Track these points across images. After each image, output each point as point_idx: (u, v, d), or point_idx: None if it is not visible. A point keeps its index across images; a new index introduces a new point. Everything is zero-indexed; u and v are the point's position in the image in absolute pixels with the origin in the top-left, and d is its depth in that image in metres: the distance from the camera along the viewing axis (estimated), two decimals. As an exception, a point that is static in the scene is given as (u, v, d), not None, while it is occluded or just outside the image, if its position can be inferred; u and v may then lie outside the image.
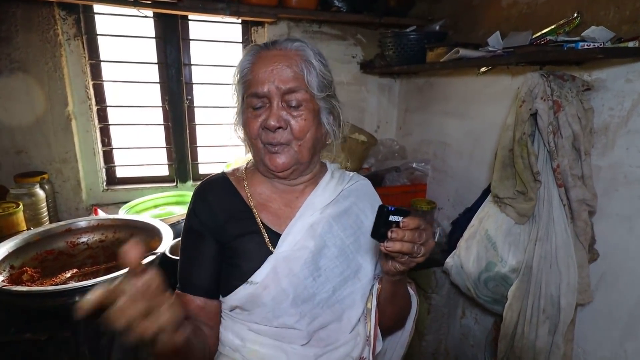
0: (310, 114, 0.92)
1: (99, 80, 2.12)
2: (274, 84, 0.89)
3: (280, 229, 0.97)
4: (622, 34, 1.23)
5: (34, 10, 1.87)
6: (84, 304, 0.57)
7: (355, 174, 1.14)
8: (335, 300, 0.95)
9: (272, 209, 1.00)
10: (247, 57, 0.95)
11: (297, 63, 0.91)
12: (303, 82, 0.91)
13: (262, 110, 0.91)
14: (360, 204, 1.06)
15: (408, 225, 0.73)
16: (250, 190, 1.01)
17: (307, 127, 0.92)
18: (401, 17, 2.25)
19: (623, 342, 1.32)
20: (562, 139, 1.26)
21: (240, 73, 0.95)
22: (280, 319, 0.91)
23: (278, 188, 1.02)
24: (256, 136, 0.92)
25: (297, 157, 0.93)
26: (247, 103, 0.93)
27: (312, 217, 0.98)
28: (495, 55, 1.50)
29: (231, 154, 2.49)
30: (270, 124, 0.88)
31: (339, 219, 1.00)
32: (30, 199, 1.77)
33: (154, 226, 1.63)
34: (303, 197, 1.02)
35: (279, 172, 0.93)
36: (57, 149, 2.05)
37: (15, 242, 1.45)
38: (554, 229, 1.31)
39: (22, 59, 1.89)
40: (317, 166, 1.05)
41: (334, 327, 0.96)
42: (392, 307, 1.02)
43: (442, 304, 2.15)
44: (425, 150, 2.39)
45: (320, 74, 0.93)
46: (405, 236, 0.73)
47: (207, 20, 2.24)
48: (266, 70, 0.90)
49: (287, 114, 0.90)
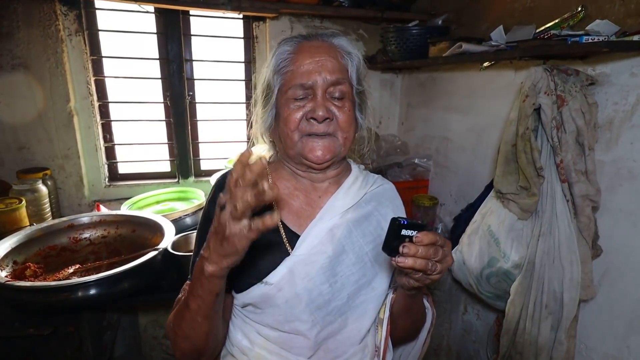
0: (352, 107, 0.92)
1: (100, 76, 2.12)
2: (320, 75, 0.88)
3: (299, 229, 0.95)
4: (627, 28, 1.21)
5: (35, 6, 1.87)
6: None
7: (379, 176, 1.12)
8: (347, 308, 0.93)
9: (293, 208, 0.98)
10: (285, 48, 0.92)
11: (342, 55, 0.92)
12: (347, 74, 0.92)
13: (304, 102, 0.89)
14: (382, 209, 1.03)
15: (422, 241, 0.70)
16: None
17: (351, 119, 0.92)
18: (404, 12, 2.24)
19: (626, 338, 1.31)
20: (565, 134, 1.25)
21: (278, 65, 0.92)
22: (291, 324, 0.89)
23: (302, 184, 1.00)
24: (295, 128, 0.89)
25: (340, 150, 0.92)
26: (288, 95, 0.90)
27: (331, 220, 0.95)
28: (499, 49, 1.48)
29: (233, 149, 2.49)
30: (319, 115, 0.86)
31: (359, 224, 0.98)
32: (32, 195, 1.77)
33: (156, 222, 1.64)
34: (326, 196, 0.99)
35: (319, 164, 0.91)
36: (60, 145, 2.05)
37: (18, 238, 1.46)
38: (557, 224, 1.30)
39: (23, 55, 1.89)
40: (343, 162, 1.04)
41: (342, 337, 0.93)
42: (404, 320, 0.99)
43: (444, 300, 2.15)
44: (428, 145, 2.38)
45: (359, 68, 0.94)
46: (418, 252, 0.69)
47: (208, 16, 2.23)
48: (312, 60, 0.89)
49: (332, 105, 0.89)
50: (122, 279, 1.31)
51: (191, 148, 2.37)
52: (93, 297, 1.25)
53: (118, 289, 1.31)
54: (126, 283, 1.33)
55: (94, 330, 1.47)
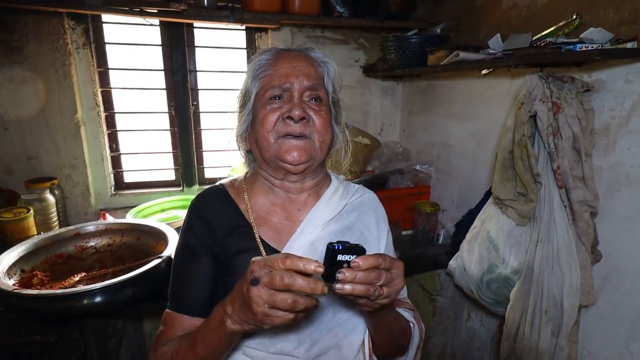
0: (328, 113, 0.94)
1: (107, 87, 2.18)
2: (298, 78, 0.90)
3: (280, 245, 0.93)
4: (621, 35, 1.23)
5: (44, 21, 1.93)
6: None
7: (360, 186, 1.10)
8: (335, 324, 0.91)
9: (272, 223, 0.95)
10: (264, 56, 0.94)
11: (319, 64, 0.95)
12: (323, 82, 0.94)
13: (281, 103, 0.90)
14: (364, 219, 1.02)
15: (359, 266, 0.66)
16: (251, 203, 0.97)
17: (328, 123, 0.93)
18: (403, 21, 2.27)
19: (629, 344, 1.31)
20: (562, 140, 1.26)
21: (256, 71, 0.94)
22: (277, 345, 0.87)
23: (280, 198, 0.98)
24: (271, 129, 0.89)
25: (315, 153, 0.91)
26: (265, 97, 0.91)
27: (313, 233, 0.93)
28: (495, 57, 1.50)
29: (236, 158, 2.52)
30: (295, 114, 0.87)
31: (342, 235, 0.95)
32: (40, 204, 1.81)
33: (160, 230, 1.66)
34: (305, 209, 0.97)
35: (295, 166, 0.89)
36: (67, 155, 2.10)
37: (26, 247, 1.49)
38: (555, 230, 1.31)
39: (33, 68, 1.95)
40: (322, 173, 1.02)
41: (334, 353, 0.90)
42: (380, 338, 0.94)
43: (447, 307, 2.15)
44: (429, 152, 2.39)
45: (334, 78, 0.97)
46: (356, 277, 0.65)
47: (211, 28, 2.28)
48: (289, 65, 0.91)
49: (308, 107, 0.90)
50: (127, 286, 1.33)
51: (195, 157, 2.41)
52: (98, 304, 1.28)
53: (122, 296, 1.32)
54: (130, 291, 1.34)
55: (99, 338, 1.49)
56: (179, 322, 0.89)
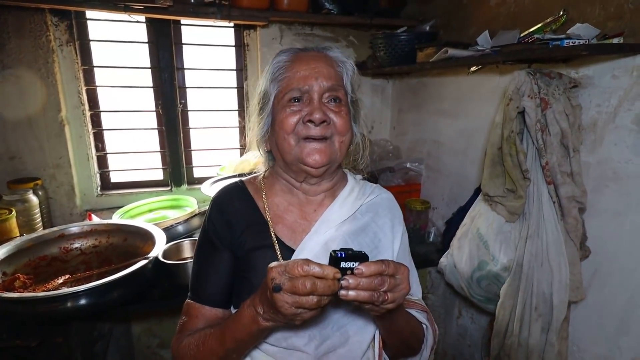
0: (347, 113, 0.93)
1: (92, 85, 2.13)
2: (317, 80, 0.89)
3: (294, 244, 0.94)
4: (607, 31, 1.23)
5: (25, 17, 1.88)
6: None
7: (377, 186, 1.11)
8: (346, 321, 0.92)
9: (287, 222, 0.97)
10: (282, 57, 0.94)
11: (337, 64, 0.95)
12: (342, 82, 0.94)
13: (301, 106, 0.90)
14: (379, 220, 1.02)
15: (362, 273, 0.68)
16: (268, 202, 0.99)
17: (348, 124, 0.93)
18: (392, 18, 2.26)
19: (617, 339, 1.31)
20: (550, 136, 1.27)
21: (275, 73, 0.93)
22: (289, 340, 0.89)
23: (297, 198, 1.00)
24: (290, 132, 0.90)
25: (336, 154, 0.92)
26: (284, 100, 0.91)
27: (326, 233, 0.95)
28: (484, 54, 1.50)
29: (225, 157, 2.50)
30: (316, 117, 0.87)
31: (356, 236, 0.97)
32: (23, 205, 1.77)
33: (147, 230, 1.63)
34: (321, 209, 0.99)
35: (316, 169, 0.90)
36: (51, 154, 2.05)
37: (8, 249, 1.45)
38: (544, 226, 1.31)
39: (14, 65, 1.90)
40: (339, 174, 1.03)
41: (343, 351, 0.91)
42: (391, 338, 0.96)
43: (439, 304, 2.15)
44: (420, 149, 2.39)
45: (352, 78, 0.97)
46: (360, 284, 0.67)
47: (199, 25, 2.24)
48: (308, 67, 0.90)
49: (328, 109, 0.90)
50: (112, 288, 1.30)
51: (184, 156, 2.37)
52: (83, 307, 1.25)
53: (108, 298, 1.30)
54: (116, 292, 1.32)
55: (84, 341, 1.45)
56: (201, 313, 0.94)
